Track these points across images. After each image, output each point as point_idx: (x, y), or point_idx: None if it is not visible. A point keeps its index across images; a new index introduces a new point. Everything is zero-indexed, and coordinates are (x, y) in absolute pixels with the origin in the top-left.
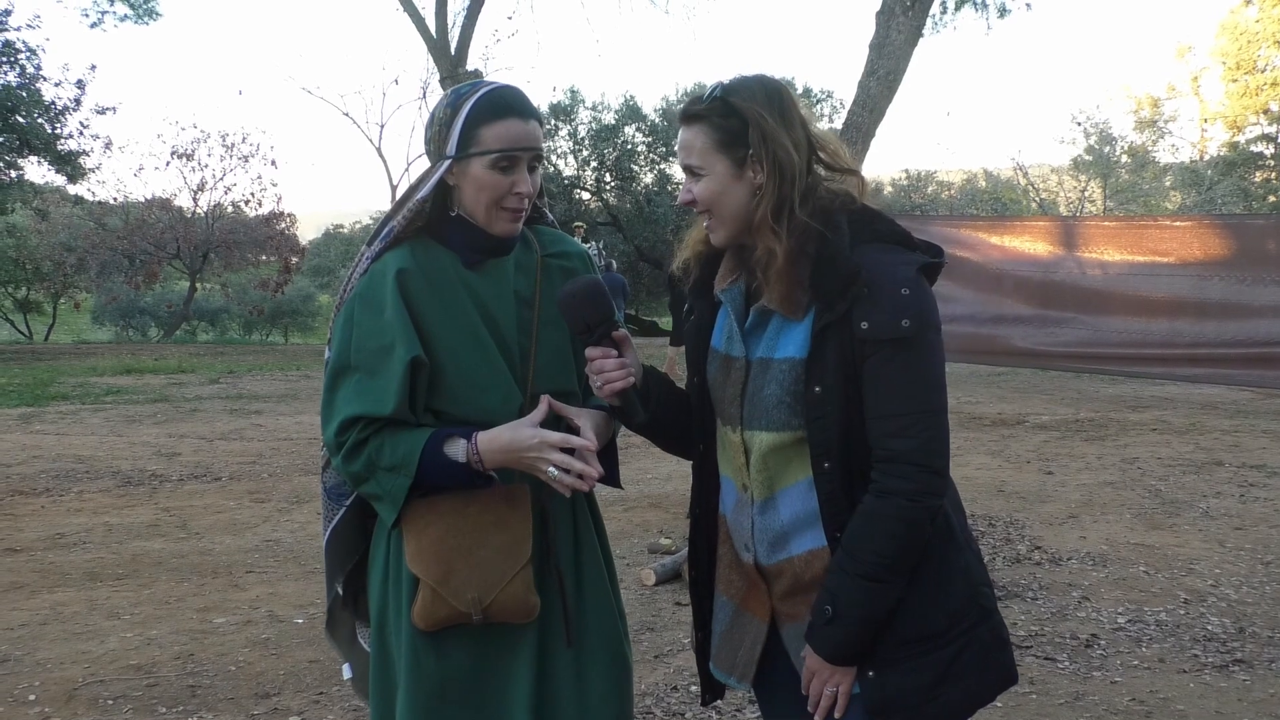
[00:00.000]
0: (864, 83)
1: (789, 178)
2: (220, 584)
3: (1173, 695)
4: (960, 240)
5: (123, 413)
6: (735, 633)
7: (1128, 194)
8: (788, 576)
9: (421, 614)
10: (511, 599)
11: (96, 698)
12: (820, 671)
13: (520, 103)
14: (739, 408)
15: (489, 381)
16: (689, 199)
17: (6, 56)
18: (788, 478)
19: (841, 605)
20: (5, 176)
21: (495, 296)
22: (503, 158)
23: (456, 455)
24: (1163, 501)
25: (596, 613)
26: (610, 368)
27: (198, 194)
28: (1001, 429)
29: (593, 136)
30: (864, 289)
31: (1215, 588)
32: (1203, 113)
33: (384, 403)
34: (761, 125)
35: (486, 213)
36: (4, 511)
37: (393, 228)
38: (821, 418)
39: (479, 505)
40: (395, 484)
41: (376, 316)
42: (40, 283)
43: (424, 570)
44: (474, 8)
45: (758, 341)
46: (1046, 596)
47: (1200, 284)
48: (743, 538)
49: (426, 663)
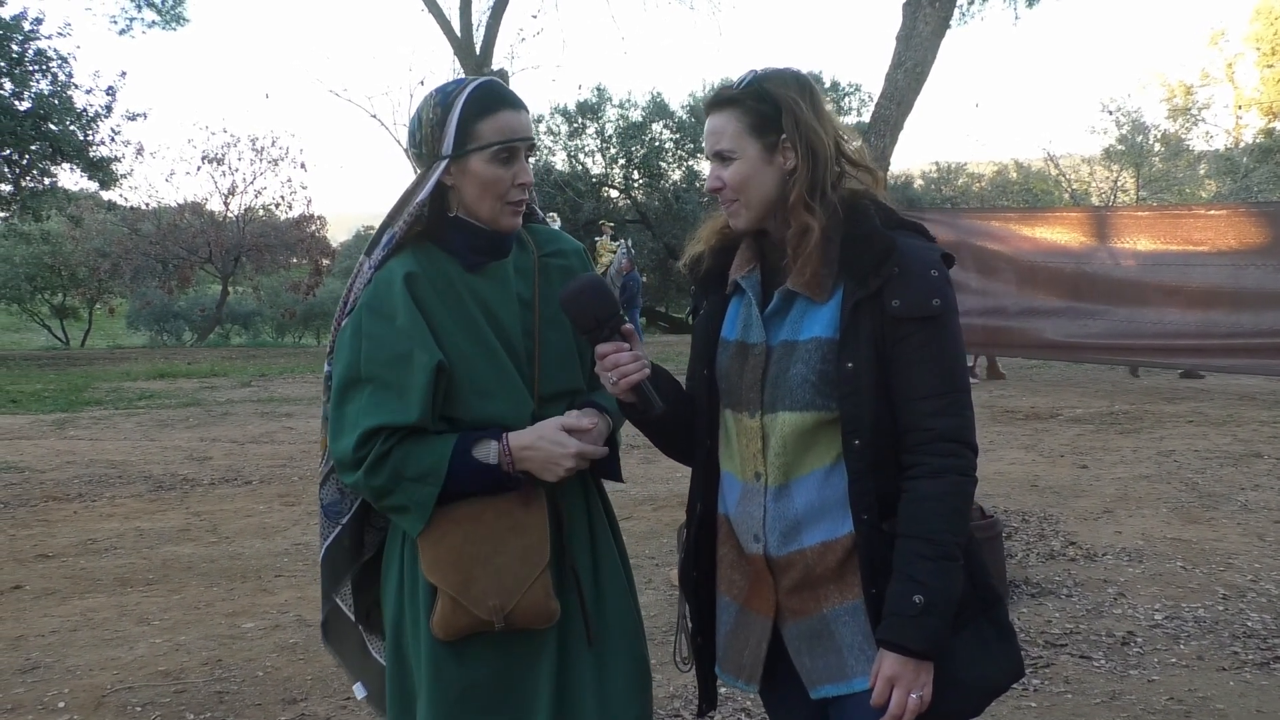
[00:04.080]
0: (891, 75)
1: (822, 161)
2: (249, 588)
3: (1212, 694)
4: (991, 232)
5: (155, 417)
6: (740, 633)
7: (1161, 183)
8: (798, 569)
9: (441, 624)
10: (532, 604)
11: (125, 704)
12: (903, 675)
13: (509, 93)
14: (759, 393)
15: (499, 386)
16: (717, 185)
17: (39, 65)
18: (805, 465)
19: (933, 592)
20: (39, 184)
21: (499, 300)
22: (503, 149)
23: (488, 458)
24: (1200, 495)
25: (615, 612)
26: (625, 361)
27: (229, 198)
28: (1035, 422)
29: (620, 134)
30: (896, 268)
31: (1255, 583)
32: (1237, 99)
33: (407, 411)
34: (795, 111)
35: (491, 209)
36: (38, 517)
37: (394, 234)
38: (855, 393)
39: (495, 511)
40: (423, 494)
41: (388, 325)
42: (76, 289)
43: (443, 579)
44: (498, 7)
45: (779, 326)
46: (1081, 593)
47: (1236, 273)
48: (752, 528)
49: (448, 671)
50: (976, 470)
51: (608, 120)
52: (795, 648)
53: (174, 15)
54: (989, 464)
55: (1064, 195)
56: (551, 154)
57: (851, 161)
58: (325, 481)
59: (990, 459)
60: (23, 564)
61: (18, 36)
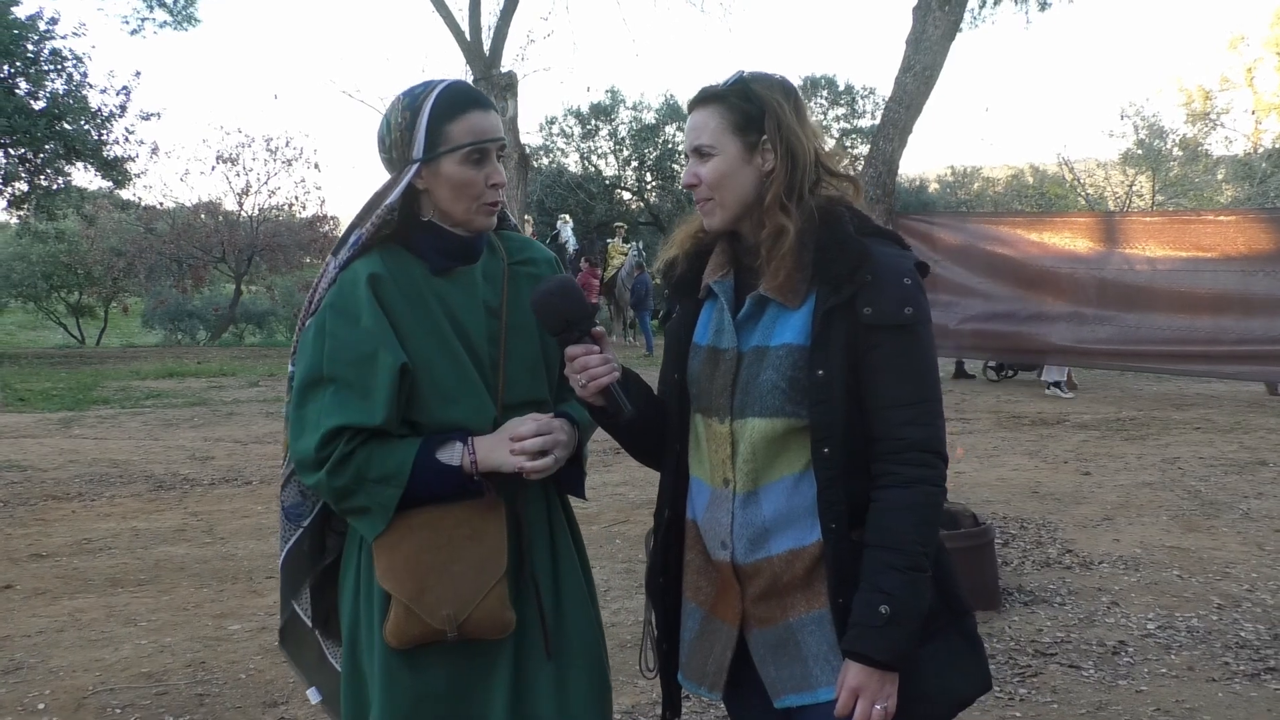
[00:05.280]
0: (900, 79)
1: (800, 166)
2: (239, 589)
3: (1199, 705)
4: (999, 237)
5: (161, 416)
6: (704, 640)
7: (1177, 188)
8: (765, 577)
9: (394, 632)
10: (487, 615)
11: (105, 706)
12: (868, 686)
13: (478, 94)
14: (729, 398)
15: (461, 392)
16: (694, 181)
17: (54, 65)
18: (773, 472)
19: (899, 604)
20: (53, 183)
21: (464, 306)
22: (474, 150)
23: (452, 460)
24: (1202, 503)
25: (576, 623)
26: (595, 364)
27: (242, 198)
28: (1041, 429)
29: (633, 136)
30: (869, 275)
31: (1251, 592)
32: (1256, 104)
33: (372, 413)
34: (779, 113)
35: (466, 211)
36: (35, 516)
37: (360, 236)
38: (826, 401)
39: (453, 518)
40: (386, 496)
41: (352, 325)
42: (91, 287)
43: (396, 587)
44: (508, 9)
45: (751, 332)
46: (1075, 602)
47: (1245, 279)
48: (719, 534)
49: (401, 680)
50: (946, 478)
51: (621, 122)
52: (760, 656)
53: (185, 16)
54: (991, 470)
55: (1079, 200)
56: (564, 156)
57: (830, 171)
58: (287, 483)
59: (993, 465)
60: (16, 563)
61: (33, 36)
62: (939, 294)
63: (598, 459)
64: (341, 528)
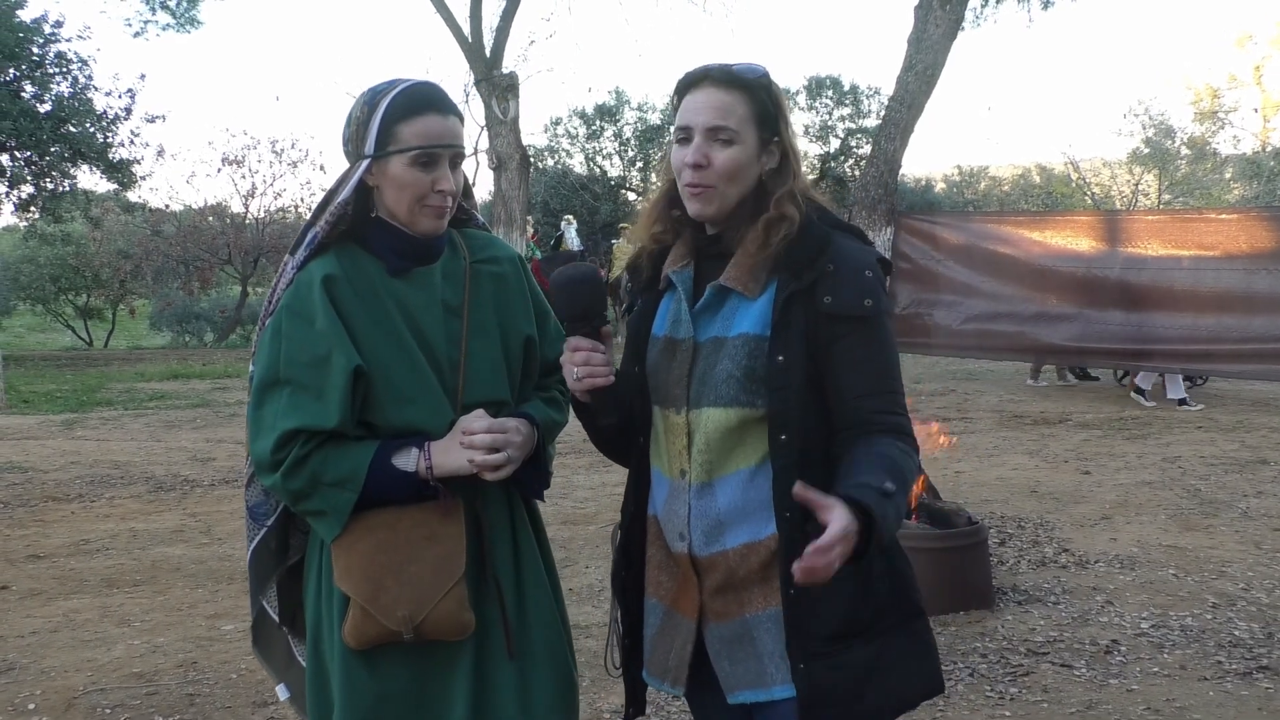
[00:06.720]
0: (902, 78)
1: (793, 169)
2: (234, 590)
3: (1190, 704)
4: (1002, 237)
5: (163, 418)
6: (666, 635)
7: (1184, 186)
8: (721, 571)
9: (352, 632)
10: (444, 617)
11: (95, 706)
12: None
13: (439, 98)
14: (685, 388)
15: (418, 393)
16: (703, 162)
17: (59, 68)
18: (729, 465)
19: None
20: (59, 186)
21: (421, 306)
22: (422, 154)
23: (407, 465)
24: (1201, 501)
25: (539, 623)
26: (597, 363)
27: (248, 200)
28: (1042, 428)
29: (639, 137)
30: (830, 264)
31: (1246, 591)
32: (1264, 103)
33: (326, 415)
34: (787, 116)
35: (409, 211)
36: (35, 517)
37: (316, 234)
38: (784, 387)
39: (411, 520)
40: (341, 499)
41: (307, 327)
42: (99, 290)
43: (353, 588)
44: (509, 10)
45: (709, 322)
46: (1069, 601)
47: (1248, 277)
48: (677, 526)
49: (360, 680)
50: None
51: (626, 123)
52: (715, 651)
53: (188, 18)
54: (991, 469)
55: (1086, 199)
56: (569, 157)
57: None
58: (250, 483)
59: (993, 464)
60: (13, 564)
61: (38, 39)
62: (942, 293)
63: (597, 459)
64: (305, 527)
